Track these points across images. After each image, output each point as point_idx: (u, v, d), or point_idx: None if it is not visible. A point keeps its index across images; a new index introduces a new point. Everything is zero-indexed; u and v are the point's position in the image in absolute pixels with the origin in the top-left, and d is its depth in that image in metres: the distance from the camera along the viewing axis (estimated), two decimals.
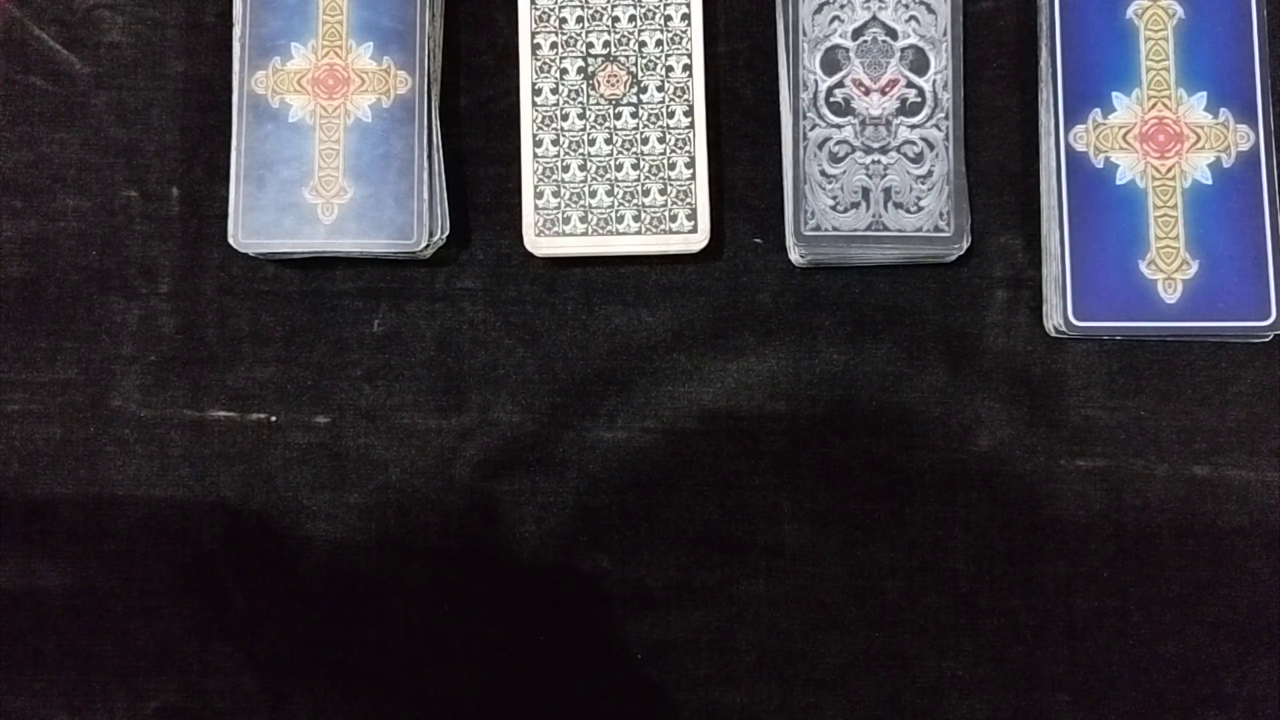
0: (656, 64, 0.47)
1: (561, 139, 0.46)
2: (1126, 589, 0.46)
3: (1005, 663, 0.46)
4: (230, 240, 0.46)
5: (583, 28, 0.47)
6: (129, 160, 0.48)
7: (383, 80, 0.47)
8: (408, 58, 0.47)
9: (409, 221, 0.46)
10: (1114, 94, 0.46)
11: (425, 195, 0.46)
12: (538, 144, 0.47)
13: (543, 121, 0.47)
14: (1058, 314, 0.45)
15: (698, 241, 0.46)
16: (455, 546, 0.47)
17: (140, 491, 0.47)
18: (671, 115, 0.47)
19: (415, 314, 0.47)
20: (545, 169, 0.46)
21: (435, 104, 0.47)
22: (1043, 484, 0.46)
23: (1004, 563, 0.46)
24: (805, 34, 0.47)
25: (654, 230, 0.46)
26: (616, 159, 0.46)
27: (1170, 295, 0.45)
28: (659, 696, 0.46)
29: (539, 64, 0.47)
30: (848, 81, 0.46)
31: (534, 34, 0.47)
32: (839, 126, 0.46)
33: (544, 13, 0.47)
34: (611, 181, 0.46)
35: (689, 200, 0.46)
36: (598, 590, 0.46)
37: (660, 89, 0.47)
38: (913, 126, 0.46)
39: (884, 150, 0.46)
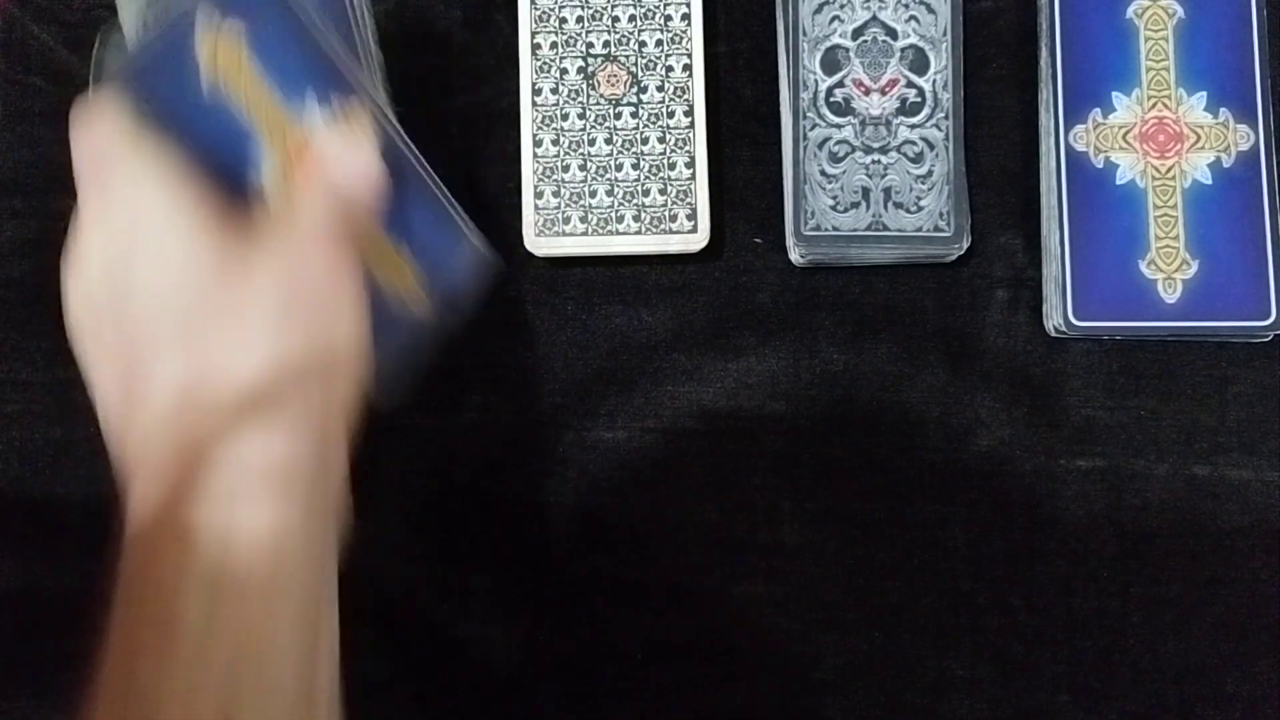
0: (656, 64, 0.47)
1: (561, 139, 0.46)
2: (1126, 589, 0.46)
3: (1005, 663, 0.46)
4: None
5: (583, 28, 0.47)
6: None
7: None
8: None
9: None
10: (1114, 94, 0.46)
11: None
12: (538, 144, 0.47)
13: (543, 121, 0.47)
14: (1058, 314, 0.45)
15: (698, 241, 0.46)
16: (455, 547, 0.46)
17: None
18: (671, 115, 0.47)
19: None
20: (545, 169, 0.46)
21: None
22: (1043, 484, 0.46)
23: (1004, 563, 0.46)
24: (805, 34, 0.47)
25: (654, 230, 0.46)
26: (616, 159, 0.46)
27: (1170, 295, 0.45)
28: (659, 696, 0.46)
29: (539, 64, 0.47)
30: (848, 81, 0.46)
31: (534, 34, 0.47)
32: (839, 126, 0.46)
33: (544, 13, 0.47)
34: (611, 181, 0.46)
35: (689, 200, 0.46)
36: (598, 590, 0.46)
37: (660, 89, 0.47)
38: (913, 126, 0.46)
39: (884, 150, 0.46)
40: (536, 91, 0.47)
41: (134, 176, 0.33)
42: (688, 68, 0.47)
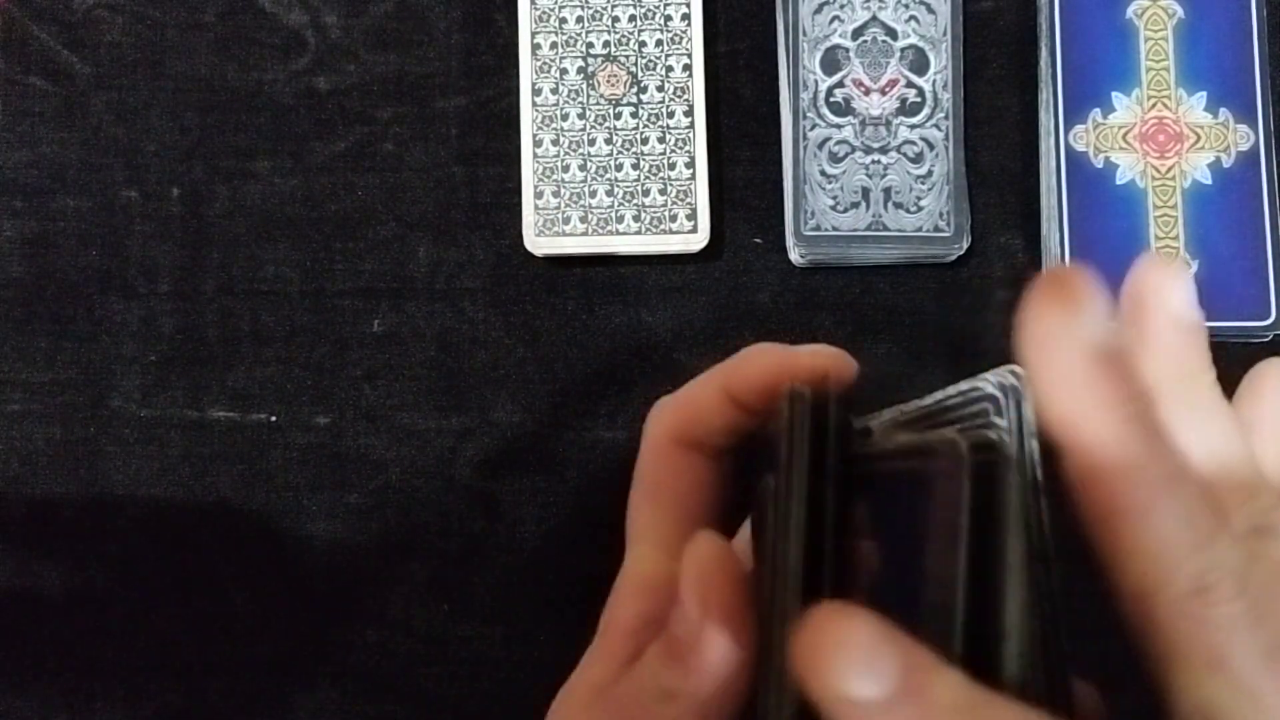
0: (656, 64, 0.47)
1: (561, 139, 0.46)
2: None
3: None
4: None
5: (583, 28, 0.47)
6: (129, 160, 0.48)
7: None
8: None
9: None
10: (1114, 94, 0.46)
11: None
12: (538, 144, 0.47)
13: (543, 121, 0.47)
14: None
15: (698, 241, 0.46)
16: (455, 546, 0.47)
17: (140, 491, 0.47)
18: (671, 115, 0.47)
19: (415, 314, 0.47)
20: (545, 169, 0.46)
21: None
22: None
23: None
24: (805, 34, 0.47)
25: (654, 230, 0.46)
26: (616, 159, 0.46)
27: None
28: None
29: (539, 64, 0.47)
30: (848, 81, 0.46)
31: (534, 34, 0.47)
32: (839, 126, 0.46)
33: (544, 13, 0.47)
34: (611, 181, 0.46)
35: (689, 200, 0.46)
36: (598, 590, 0.46)
37: (660, 89, 0.47)
38: (913, 126, 0.46)
39: (884, 150, 0.46)
40: (536, 91, 0.47)
41: None
42: (688, 68, 0.47)
